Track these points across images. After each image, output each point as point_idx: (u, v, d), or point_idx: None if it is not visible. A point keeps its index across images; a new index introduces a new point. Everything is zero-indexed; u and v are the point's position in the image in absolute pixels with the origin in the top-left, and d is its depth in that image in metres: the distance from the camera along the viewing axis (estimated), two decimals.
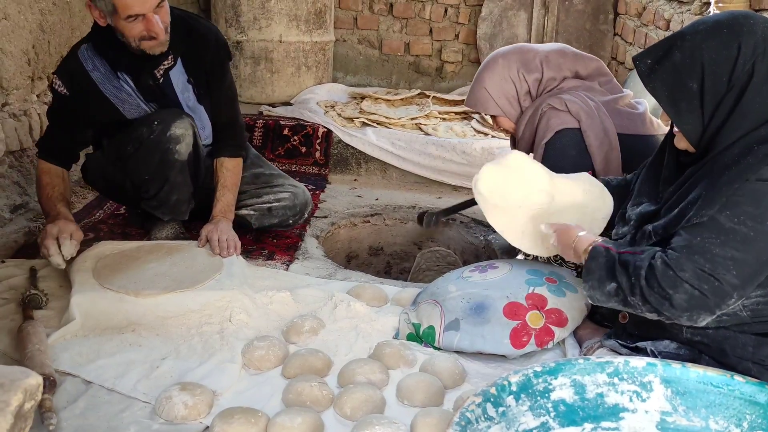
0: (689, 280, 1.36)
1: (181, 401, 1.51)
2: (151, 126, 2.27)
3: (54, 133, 2.32)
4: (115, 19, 2.11)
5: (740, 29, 1.41)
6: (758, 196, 1.34)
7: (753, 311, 1.45)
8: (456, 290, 1.93)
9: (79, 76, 2.26)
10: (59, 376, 1.61)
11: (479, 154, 3.44)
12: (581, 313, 1.88)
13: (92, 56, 2.27)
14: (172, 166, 2.30)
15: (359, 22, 4.79)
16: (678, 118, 1.47)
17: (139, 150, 2.28)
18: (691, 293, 1.36)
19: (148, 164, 2.30)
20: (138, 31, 2.13)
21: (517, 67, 2.26)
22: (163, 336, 1.83)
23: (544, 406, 1.35)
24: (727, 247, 1.35)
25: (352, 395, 1.57)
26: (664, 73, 1.46)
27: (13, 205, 2.58)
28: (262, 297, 2.03)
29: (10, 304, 1.92)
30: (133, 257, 2.10)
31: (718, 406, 1.35)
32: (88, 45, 2.28)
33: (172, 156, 2.28)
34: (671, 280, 1.37)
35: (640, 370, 1.40)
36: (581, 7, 4.54)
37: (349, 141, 3.59)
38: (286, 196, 2.54)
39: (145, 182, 2.34)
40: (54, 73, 2.30)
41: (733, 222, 1.35)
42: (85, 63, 2.27)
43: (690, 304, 1.37)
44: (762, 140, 1.37)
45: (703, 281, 1.35)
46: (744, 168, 1.36)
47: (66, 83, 2.26)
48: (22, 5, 2.57)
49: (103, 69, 2.28)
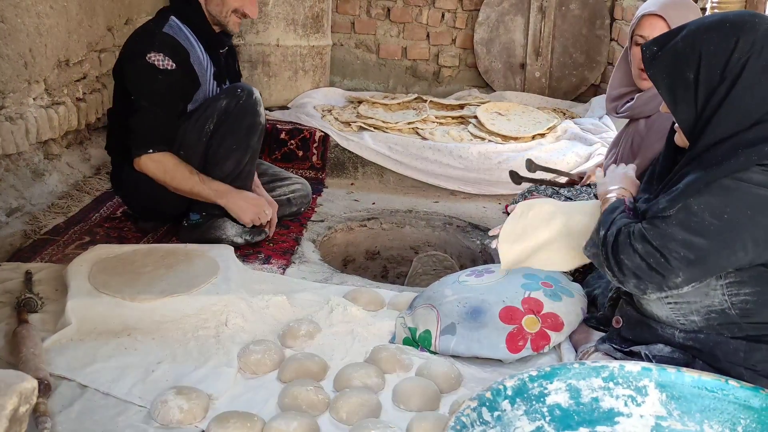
0: (639, 250, 1.44)
1: (176, 405, 1.51)
2: (235, 94, 2.37)
3: (158, 118, 2.28)
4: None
5: (743, 25, 1.42)
6: (725, 191, 1.37)
7: (742, 310, 1.45)
8: (452, 294, 1.93)
9: (177, 48, 2.28)
10: (54, 380, 1.60)
11: (476, 158, 3.44)
12: (577, 318, 1.88)
13: (181, 26, 2.31)
14: (256, 130, 2.42)
15: (357, 26, 4.80)
16: (674, 106, 1.48)
17: (228, 118, 2.35)
18: (638, 264, 1.44)
19: (237, 131, 2.37)
20: (239, 5, 2.31)
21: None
22: (159, 340, 1.82)
23: (539, 410, 1.35)
24: (679, 228, 1.40)
25: (348, 399, 1.57)
26: (665, 60, 1.48)
27: (9, 209, 2.58)
28: (259, 301, 2.03)
29: (5, 308, 1.92)
30: (129, 261, 2.10)
31: (713, 410, 1.35)
32: (172, 19, 2.31)
33: (259, 118, 2.42)
34: (624, 247, 1.46)
35: (635, 374, 1.40)
36: (578, 12, 4.55)
37: (346, 145, 3.59)
38: (299, 187, 2.82)
39: (226, 157, 2.39)
40: (152, 50, 2.26)
41: (693, 208, 1.39)
42: (176, 34, 2.30)
43: (636, 273, 1.44)
44: (749, 144, 1.38)
45: (650, 255, 1.42)
46: (725, 168, 1.38)
47: (170, 56, 2.25)
48: (18, 8, 2.57)
49: (193, 40, 2.34)
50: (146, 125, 2.30)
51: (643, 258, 1.43)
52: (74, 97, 3.08)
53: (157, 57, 2.24)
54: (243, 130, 2.39)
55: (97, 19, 3.22)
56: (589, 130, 3.68)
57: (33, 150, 2.80)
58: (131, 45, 2.38)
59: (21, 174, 2.72)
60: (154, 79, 2.26)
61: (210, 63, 2.44)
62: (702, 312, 1.48)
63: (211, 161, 2.41)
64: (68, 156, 3.07)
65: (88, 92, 3.20)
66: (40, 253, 2.34)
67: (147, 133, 2.29)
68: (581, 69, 4.61)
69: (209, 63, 2.44)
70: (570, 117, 4.08)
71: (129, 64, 2.33)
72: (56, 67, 2.89)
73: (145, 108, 2.29)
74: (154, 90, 2.28)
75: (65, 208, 2.75)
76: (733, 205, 1.36)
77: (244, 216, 2.43)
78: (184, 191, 2.37)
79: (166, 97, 2.29)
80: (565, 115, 4.14)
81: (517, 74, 4.69)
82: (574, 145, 3.51)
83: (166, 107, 2.30)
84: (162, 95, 2.29)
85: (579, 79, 4.64)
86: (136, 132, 2.32)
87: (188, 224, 2.49)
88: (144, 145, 2.29)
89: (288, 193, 2.78)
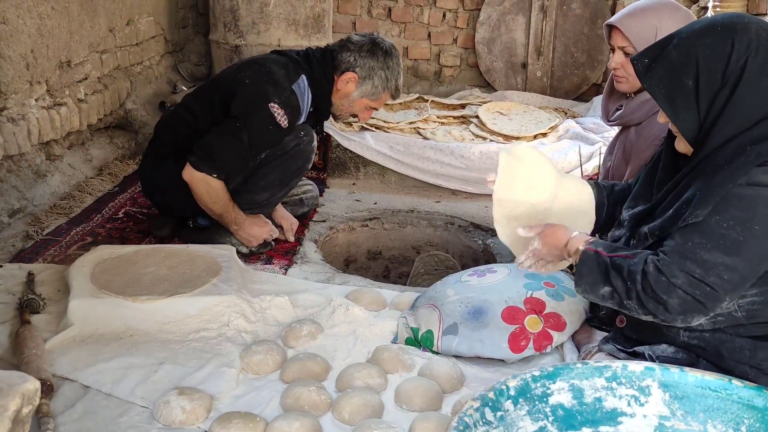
0: (682, 286, 1.37)
1: (179, 406, 1.51)
2: (298, 137, 2.43)
3: (245, 156, 2.33)
4: (362, 100, 2.47)
5: (734, 27, 1.42)
6: (748, 201, 1.35)
7: (748, 311, 1.45)
8: (454, 294, 1.93)
9: (296, 110, 2.38)
10: (57, 381, 1.60)
11: (477, 158, 3.44)
12: (579, 317, 1.88)
13: (306, 90, 2.40)
14: (301, 173, 2.52)
15: (358, 26, 4.79)
16: (675, 115, 1.48)
17: (283, 155, 2.42)
18: (684, 298, 1.37)
19: (285, 170, 2.45)
20: (357, 111, 2.54)
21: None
22: (161, 341, 1.82)
23: (542, 410, 1.35)
24: (717, 253, 1.36)
25: (351, 400, 1.57)
26: (661, 70, 1.47)
27: (11, 210, 2.58)
28: (261, 301, 2.03)
29: (8, 309, 1.92)
30: (131, 262, 2.10)
31: (716, 410, 1.35)
32: (303, 78, 2.39)
33: (308, 164, 2.51)
34: (665, 286, 1.38)
35: (638, 374, 1.40)
36: (579, 11, 4.55)
37: (347, 145, 3.59)
38: (310, 188, 2.94)
39: (265, 189, 2.46)
40: (277, 100, 2.32)
41: (722, 227, 1.36)
42: (300, 97, 2.38)
43: (684, 308, 1.38)
44: (754, 140, 1.38)
45: (695, 287, 1.37)
46: (736, 169, 1.37)
47: (289, 115, 2.34)
48: (20, 9, 2.58)
49: (307, 105, 2.43)
50: (230, 154, 2.31)
51: (688, 292, 1.37)
52: (76, 98, 3.08)
53: (278, 110, 2.31)
54: (291, 171, 2.47)
55: (99, 20, 3.22)
56: (591, 130, 3.67)
57: (35, 151, 2.80)
58: (260, 82, 2.37)
59: (23, 175, 2.72)
60: (266, 127, 2.32)
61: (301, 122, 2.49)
62: (709, 315, 1.47)
63: (250, 186, 2.45)
64: (70, 157, 3.07)
65: (90, 93, 3.20)
66: (43, 254, 2.34)
67: (225, 161, 2.30)
68: (583, 68, 4.60)
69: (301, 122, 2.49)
70: (572, 116, 4.07)
71: (250, 97, 2.34)
72: (58, 68, 2.89)
73: (241, 142, 2.30)
74: (260, 135, 2.33)
75: (67, 208, 2.75)
76: (759, 214, 1.35)
77: (252, 243, 2.49)
78: (212, 213, 2.40)
79: (264, 146, 2.36)
80: (566, 114, 4.14)
81: (519, 74, 4.69)
82: (576, 145, 3.50)
83: (256, 153, 2.36)
84: (262, 142, 2.35)
85: (580, 79, 4.64)
86: (216, 152, 2.30)
87: (194, 226, 2.50)
88: (214, 168, 2.29)
89: (300, 194, 2.88)
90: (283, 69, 2.40)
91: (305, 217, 2.94)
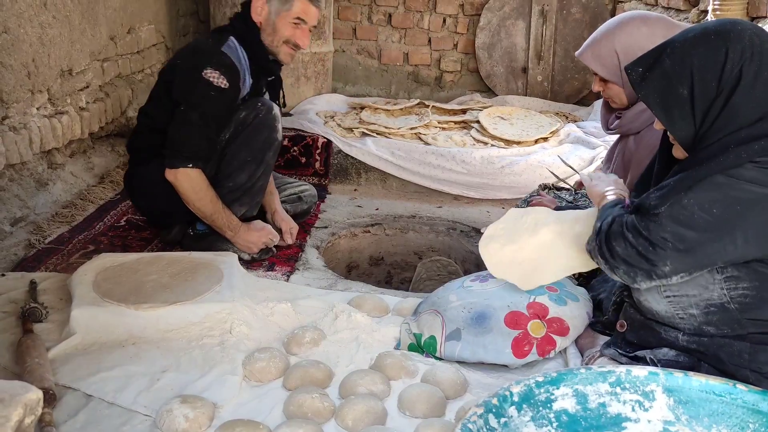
0: (630, 239, 1.48)
1: (181, 414, 1.51)
2: (255, 108, 2.40)
3: (205, 133, 2.31)
4: (281, 16, 2.36)
5: (728, 35, 1.43)
6: (717, 187, 1.39)
7: (741, 305, 1.45)
8: (457, 300, 1.92)
9: (232, 68, 2.32)
10: (59, 390, 1.60)
11: (479, 163, 3.44)
12: (583, 322, 1.87)
13: (237, 48, 2.37)
14: (271, 145, 2.45)
15: (358, 32, 4.81)
16: (671, 124, 1.49)
17: (245, 130, 2.39)
18: (629, 251, 1.48)
19: (252, 144, 2.39)
20: (289, 34, 2.39)
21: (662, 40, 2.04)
22: (164, 349, 1.82)
23: (546, 416, 1.35)
24: (671, 221, 1.42)
25: (354, 406, 1.57)
26: (655, 80, 1.48)
27: (13, 218, 2.58)
28: (263, 308, 2.03)
29: (10, 318, 1.92)
30: (133, 270, 2.10)
31: (721, 415, 1.35)
32: (231, 39, 2.36)
33: (275, 134, 2.44)
34: (617, 235, 1.51)
35: (642, 379, 1.39)
36: (579, 16, 4.56)
37: (348, 151, 3.59)
38: (307, 188, 2.93)
39: (240, 168, 2.40)
40: (209, 66, 2.29)
41: (683, 201, 1.41)
42: (232, 54, 2.34)
43: (626, 260, 1.49)
44: (740, 141, 1.39)
45: (639, 242, 1.46)
46: (715, 164, 1.40)
47: (225, 75, 2.29)
48: (22, 18, 2.58)
49: (245, 63, 2.39)
50: (193, 140, 2.30)
51: (633, 246, 1.47)
52: (77, 107, 3.08)
53: (213, 74, 2.28)
54: (259, 144, 2.41)
55: (100, 29, 3.23)
56: (592, 134, 3.68)
57: (37, 160, 2.81)
58: (189, 58, 2.39)
59: (25, 184, 2.73)
60: (208, 95, 2.28)
61: (249, 88, 2.46)
62: (701, 305, 1.48)
63: (224, 172, 2.42)
64: (72, 165, 3.08)
65: (92, 101, 3.20)
66: (45, 263, 2.34)
67: (192, 148, 2.30)
68: (583, 72, 4.60)
69: (249, 89, 2.46)
70: (572, 120, 4.08)
71: (184, 76, 2.34)
72: (59, 77, 2.90)
73: (195, 122, 2.29)
74: (207, 106, 2.30)
75: (69, 217, 2.76)
76: (723, 200, 1.38)
77: (252, 249, 2.47)
78: (203, 213, 2.38)
79: (216, 114, 2.32)
80: (567, 118, 4.14)
81: (519, 78, 4.69)
82: (577, 149, 3.51)
83: (213, 125, 2.33)
84: (213, 112, 2.31)
85: (581, 83, 4.64)
86: (179, 144, 2.31)
87: (194, 233, 2.49)
88: (185, 159, 2.29)
89: (298, 192, 2.87)
90: (210, 39, 2.42)
91: (306, 215, 2.94)
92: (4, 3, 2.47)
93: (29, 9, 2.63)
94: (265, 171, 2.48)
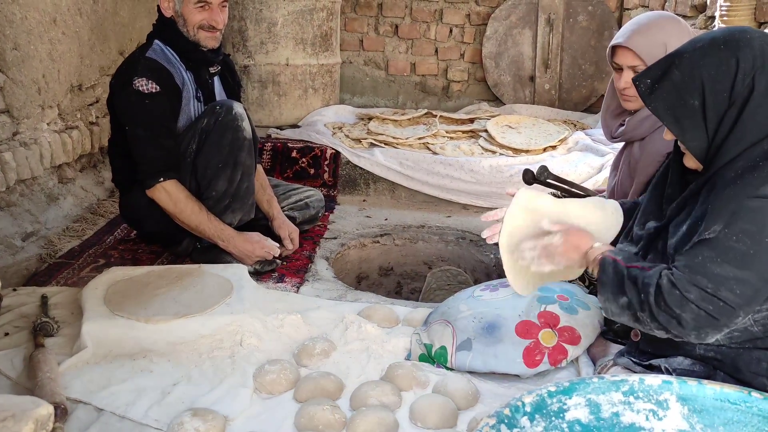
0: (695, 300, 1.35)
1: (193, 427, 1.50)
2: (214, 112, 2.37)
3: (158, 143, 2.30)
4: (184, 4, 2.33)
5: (737, 44, 1.40)
6: (757, 214, 1.33)
7: (764, 326, 1.42)
8: (467, 309, 1.92)
9: (160, 70, 2.31)
10: (71, 404, 1.60)
11: (487, 172, 3.44)
12: (594, 331, 1.86)
13: (163, 48, 2.36)
14: (241, 146, 2.39)
15: (365, 43, 4.83)
16: (682, 135, 1.47)
17: (209, 137, 2.36)
18: (697, 313, 1.35)
19: (220, 149, 2.36)
20: (200, 19, 2.35)
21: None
22: (174, 362, 1.82)
23: (559, 426, 1.33)
24: (727, 266, 1.34)
25: (365, 418, 1.56)
26: (665, 92, 1.46)
27: (24, 233, 2.60)
28: (273, 320, 2.03)
29: (22, 332, 1.93)
30: (143, 283, 2.11)
31: (736, 423, 1.33)
32: (155, 43, 2.37)
33: (241, 133, 2.38)
34: (678, 300, 1.36)
35: (656, 388, 1.38)
36: (585, 24, 4.56)
37: (357, 162, 3.60)
38: (313, 193, 2.91)
39: (216, 176, 2.37)
40: (135, 76, 2.28)
41: (731, 240, 1.34)
42: (158, 57, 2.34)
43: (697, 324, 1.36)
44: (766, 156, 1.36)
45: (707, 302, 1.35)
46: (746, 184, 1.35)
47: (154, 79, 2.28)
48: (32, 35, 2.61)
49: (174, 60, 2.38)
50: (149, 154, 2.30)
51: (700, 307, 1.35)
52: (87, 121, 3.11)
53: (141, 82, 2.26)
54: (226, 147, 2.36)
55: (109, 44, 3.26)
56: (601, 141, 3.66)
57: (47, 174, 2.83)
58: (118, 75, 2.41)
59: (36, 198, 2.74)
60: (143, 105, 2.26)
61: (193, 84, 2.44)
62: (724, 331, 1.45)
63: (203, 183, 2.40)
64: (82, 179, 3.10)
65: (101, 116, 3.23)
66: (56, 277, 2.36)
67: (153, 163, 2.30)
68: (591, 80, 4.60)
69: (192, 84, 2.44)
70: (581, 128, 4.07)
71: (118, 95, 2.35)
72: (69, 92, 2.92)
73: (143, 137, 2.29)
74: (145, 116, 2.28)
75: (80, 231, 2.77)
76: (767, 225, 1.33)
77: (247, 260, 2.42)
78: (190, 226, 2.37)
79: (157, 121, 2.29)
80: (575, 126, 4.13)
81: (527, 87, 4.69)
82: (586, 156, 3.50)
83: (161, 132, 2.30)
84: (153, 120, 2.29)
85: (589, 90, 4.63)
86: (141, 163, 2.32)
87: (201, 246, 2.50)
88: (153, 175, 2.29)
89: (304, 198, 2.86)
90: (135, 51, 2.43)
91: (315, 220, 2.93)
92: (14, 20, 2.50)
93: (39, 26, 2.66)
94: (244, 172, 2.42)
